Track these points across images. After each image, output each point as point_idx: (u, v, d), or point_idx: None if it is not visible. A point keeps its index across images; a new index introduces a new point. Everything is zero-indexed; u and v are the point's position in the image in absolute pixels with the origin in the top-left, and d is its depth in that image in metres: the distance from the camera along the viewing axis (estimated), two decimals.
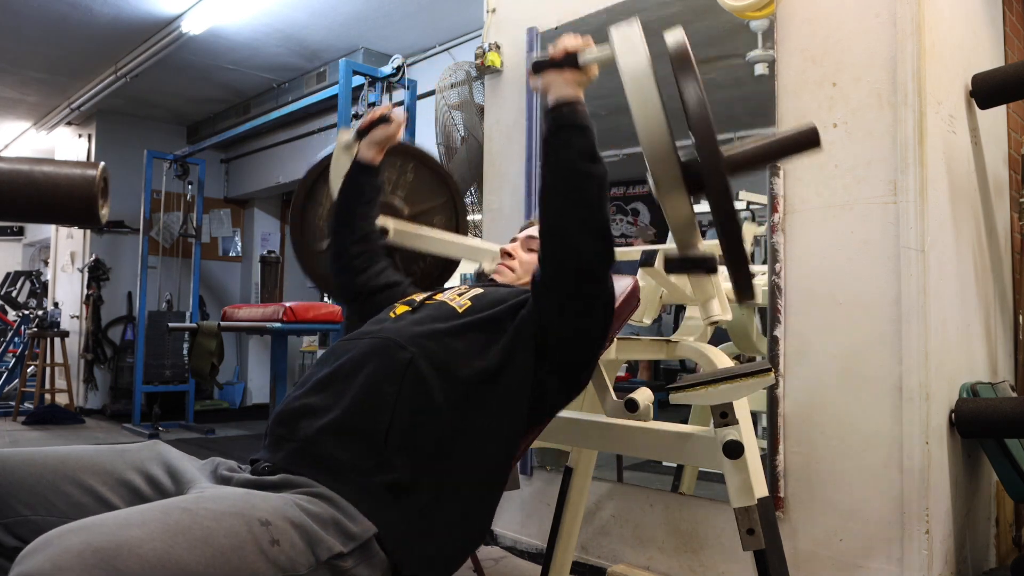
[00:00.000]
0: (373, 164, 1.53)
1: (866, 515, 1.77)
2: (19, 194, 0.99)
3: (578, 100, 1.17)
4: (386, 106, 1.52)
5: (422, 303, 1.28)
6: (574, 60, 1.17)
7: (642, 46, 1.06)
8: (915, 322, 1.71)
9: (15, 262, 9.55)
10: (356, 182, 1.52)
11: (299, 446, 1.05)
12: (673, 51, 0.99)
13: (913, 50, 1.74)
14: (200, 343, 4.43)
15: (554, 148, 1.15)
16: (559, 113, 1.15)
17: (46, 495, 0.95)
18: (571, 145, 1.13)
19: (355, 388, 1.09)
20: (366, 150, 1.52)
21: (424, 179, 1.87)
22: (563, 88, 1.16)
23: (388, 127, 1.50)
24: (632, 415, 1.50)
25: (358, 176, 1.52)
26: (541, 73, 1.18)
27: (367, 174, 1.53)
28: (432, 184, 1.87)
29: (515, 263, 1.49)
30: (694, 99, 0.94)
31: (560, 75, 1.16)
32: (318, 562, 0.89)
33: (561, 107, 1.15)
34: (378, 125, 1.51)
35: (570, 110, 1.15)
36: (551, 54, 1.18)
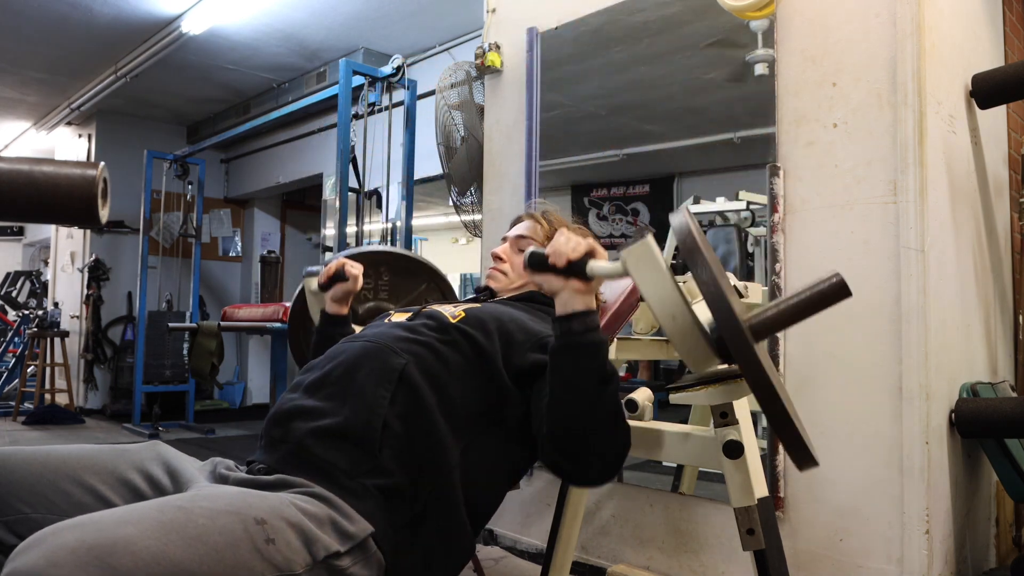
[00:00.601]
0: (341, 315, 1.54)
1: (866, 515, 1.77)
2: (19, 194, 0.99)
3: (589, 312, 1.05)
4: (338, 260, 1.52)
5: (418, 313, 1.28)
6: (581, 271, 1.04)
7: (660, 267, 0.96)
8: (915, 322, 1.71)
9: (15, 262, 9.56)
10: (327, 334, 1.52)
11: (293, 448, 1.05)
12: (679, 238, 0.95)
13: (913, 50, 1.74)
14: (200, 343, 4.43)
15: (564, 366, 1.06)
16: (569, 329, 1.04)
17: (46, 494, 0.96)
18: (582, 369, 1.04)
19: (349, 392, 1.09)
20: (331, 305, 1.53)
21: (400, 274, 1.94)
22: (571, 299, 1.04)
23: (346, 284, 1.50)
24: (632, 415, 1.50)
25: (328, 328, 1.53)
26: (540, 272, 1.07)
27: (336, 325, 1.53)
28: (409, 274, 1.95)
29: (506, 267, 1.48)
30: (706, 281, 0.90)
31: (566, 284, 1.04)
32: (315, 561, 0.89)
33: (571, 320, 1.04)
34: (336, 283, 1.51)
35: (581, 325, 1.04)
36: (551, 258, 1.05)
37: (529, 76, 2.60)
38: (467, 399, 1.13)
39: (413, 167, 3.67)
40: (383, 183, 3.71)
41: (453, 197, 3.07)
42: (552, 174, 2.68)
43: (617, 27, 2.46)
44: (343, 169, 3.47)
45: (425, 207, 7.76)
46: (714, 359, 0.96)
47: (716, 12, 2.09)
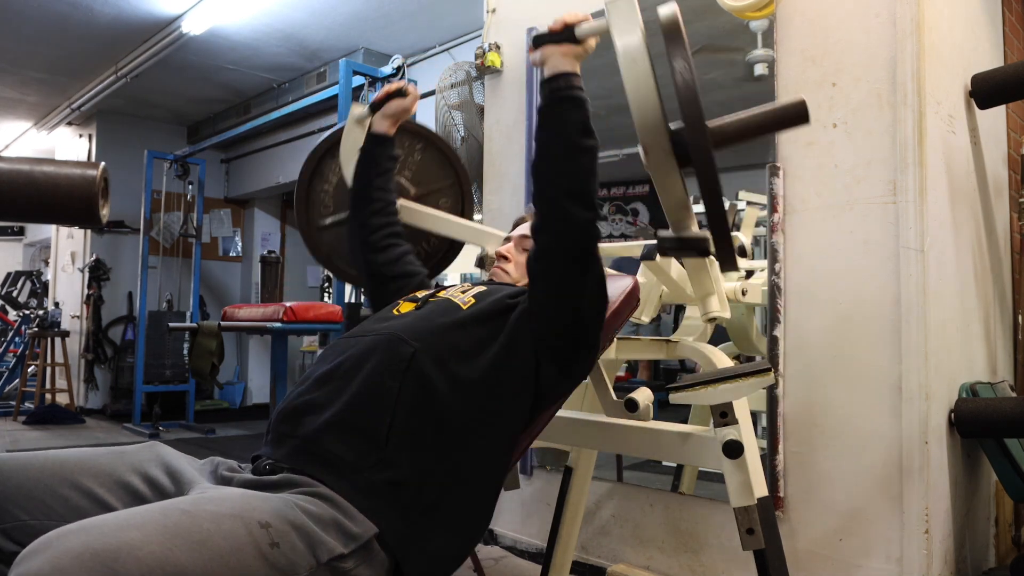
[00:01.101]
0: (388, 136, 1.54)
1: (866, 515, 1.77)
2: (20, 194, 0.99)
3: (574, 73, 1.19)
4: (401, 81, 1.55)
5: (426, 300, 1.29)
6: (571, 33, 1.19)
7: (637, 20, 1.09)
8: (915, 322, 1.71)
9: (15, 262, 9.56)
10: (372, 154, 1.53)
11: (301, 443, 1.05)
12: (664, 24, 1.01)
13: (913, 50, 1.75)
14: (200, 343, 4.43)
15: (549, 120, 1.18)
16: (555, 85, 1.18)
17: (44, 499, 0.95)
18: (566, 118, 1.16)
19: (357, 384, 1.09)
20: (380, 123, 1.54)
21: (432, 160, 1.87)
22: (560, 61, 1.19)
23: (403, 100, 1.52)
24: (632, 415, 1.51)
25: (373, 148, 1.54)
26: (540, 47, 1.21)
27: (382, 146, 1.54)
28: (439, 165, 1.87)
29: (510, 266, 1.49)
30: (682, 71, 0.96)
31: (558, 48, 1.19)
32: (318, 564, 0.89)
33: (557, 79, 1.18)
34: (393, 98, 1.52)
35: (566, 82, 1.18)
36: (550, 27, 1.20)
37: (529, 76, 2.60)
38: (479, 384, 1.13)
39: None
40: None
41: None
42: None
43: None
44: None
45: None
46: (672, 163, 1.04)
47: (716, 12, 2.09)
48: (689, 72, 0.96)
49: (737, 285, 1.90)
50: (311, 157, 1.81)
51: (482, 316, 1.21)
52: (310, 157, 1.81)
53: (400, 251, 1.55)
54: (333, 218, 1.80)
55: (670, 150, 1.06)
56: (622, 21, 1.10)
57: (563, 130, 1.16)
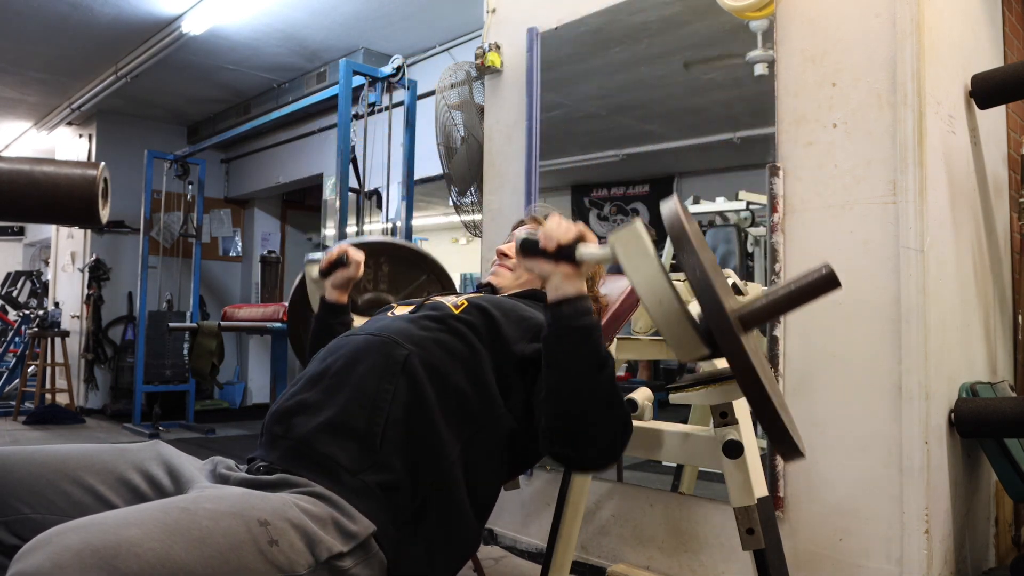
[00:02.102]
0: (341, 303, 1.53)
1: (866, 515, 1.77)
2: (20, 194, 0.99)
3: (579, 296, 1.06)
4: (341, 247, 1.52)
5: (421, 304, 1.29)
6: (571, 255, 1.05)
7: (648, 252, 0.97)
8: (915, 322, 1.71)
9: (15, 262, 9.56)
10: (326, 323, 1.52)
11: (294, 445, 1.05)
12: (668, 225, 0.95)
13: (912, 50, 1.75)
14: (200, 343, 4.43)
15: (557, 356, 1.06)
16: (560, 313, 1.05)
17: (46, 494, 0.96)
18: (576, 354, 1.05)
19: (350, 385, 1.08)
20: (331, 292, 1.53)
21: (400, 264, 1.93)
22: (562, 284, 1.05)
23: (347, 270, 1.50)
24: (632, 415, 1.50)
25: (327, 318, 1.53)
26: (531, 257, 1.08)
27: (335, 314, 1.53)
28: (408, 266, 1.94)
29: (512, 263, 1.48)
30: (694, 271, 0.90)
31: (556, 268, 1.06)
32: (317, 562, 0.89)
33: (561, 306, 1.05)
34: (336, 268, 1.51)
35: (571, 310, 1.05)
36: (541, 242, 1.06)
37: (529, 76, 2.60)
38: (469, 390, 1.13)
39: (413, 167, 3.67)
40: (383, 183, 3.71)
41: (453, 197, 3.07)
42: (552, 174, 2.68)
43: (617, 27, 2.46)
44: (343, 169, 3.47)
45: (425, 207, 7.76)
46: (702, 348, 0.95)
47: (716, 12, 2.09)
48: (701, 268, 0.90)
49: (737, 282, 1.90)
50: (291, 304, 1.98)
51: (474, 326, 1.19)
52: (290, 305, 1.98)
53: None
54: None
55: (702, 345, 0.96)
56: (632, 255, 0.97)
57: (575, 369, 1.05)
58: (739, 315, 0.97)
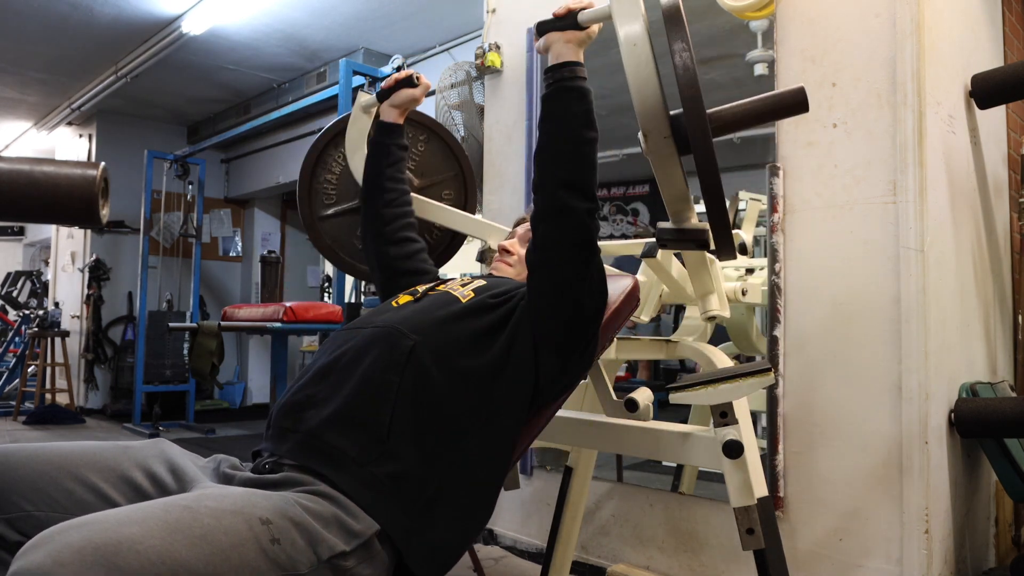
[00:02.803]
0: (397, 124, 1.53)
1: (866, 515, 1.77)
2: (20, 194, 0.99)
3: (577, 62, 1.19)
4: (410, 69, 1.53)
5: (425, 293, 1.28)
6: (574, 19, 1.19)
7: (639, 7, 1.10)
8: (915, 322, 1.71)
9: (15, 262, 9.56)
10: (382, 144, 1.52)
11: (304, 437, 1.05)
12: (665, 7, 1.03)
13: (912, 50, 1.75)
14: (200, 343, 4.43)
15: (552, 110, 1.18)
16: (559, 75, 1.18)
17: (48, 491, 0.96)
18: (569, 109, 1.16)
19: (357, 377, 1.09)
20: (388, 112, 1.52)
21: (436, 151, 1.86)
22: (563, 48, 1.19)
23: (413, 90, 1.50)
24: (632, 415, 1.51)
25: (383, 137, 1.52)
26: (543, 34, 1.21)
27: (392, 135, 1.53)
28: (443, 157, 1.86)
29: (513, 259, 1.48)
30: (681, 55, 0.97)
31: (561, 35, 1.19)
32: (319, 561, 0.89)
33: (560, 68, 1.18)
34: (402, 87, 1.50)
35: (569, 71, 1.18)
36: (554, 12, 1.21)
37: (529, 76, 2.60)
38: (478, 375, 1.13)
39: None
40: None
41: None
42: None
43: None
44: None
45: None
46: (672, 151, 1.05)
47: (716, 12, 2.09)
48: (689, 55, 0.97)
49: (737, 285, 1.90)
50: (316, 145, 1.80)
51: (482, 309, 1.21)
52: (315, 145, 1.80)
53: (415, 247, 1.55)
54: (336, 208, 1.79)
55: (670, 135, 1.07)
56: (624, 7, 1.11)
57: (566, 121, 1.16)
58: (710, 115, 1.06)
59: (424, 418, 1.07)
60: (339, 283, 4.05)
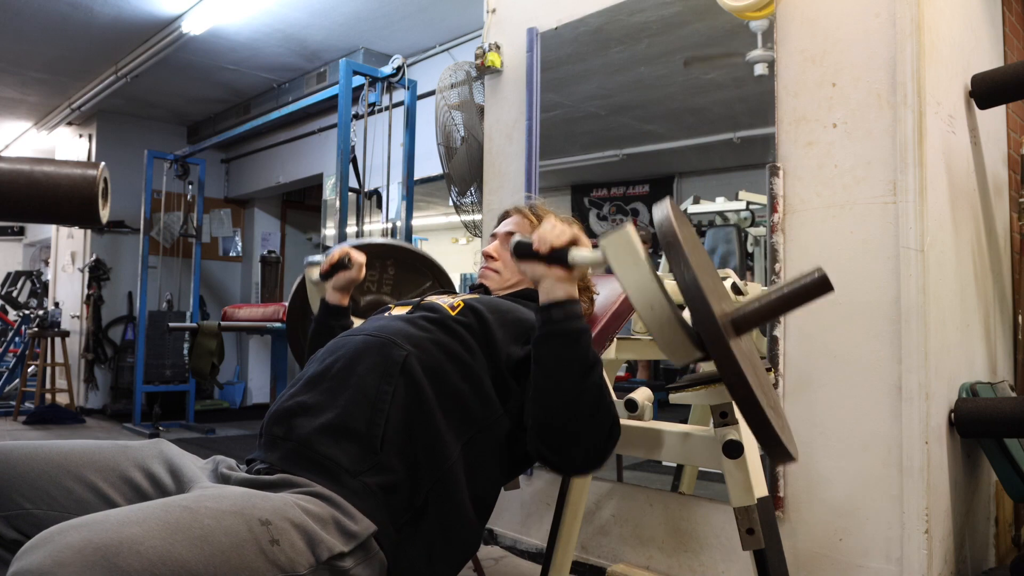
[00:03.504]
0: (341, 306, 1.52)
1: (866, 515, 1.77)
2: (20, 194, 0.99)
3: (570, 300, 1.07)
4: (342, 248, 1.49)
5: (418, 305, 1.29)
6: (563, 259, 1.06)
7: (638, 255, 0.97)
8: (915, 322, 1.71)
9: (15, 262, 9.56)
10: (326, 325, 1.50)
11: (295, 446, 1.05)
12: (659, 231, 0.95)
13: (912, 50, 1.75)
14: (200, 343, 4.43)
15: (545, 358, 1.07)
16: (549, 317, 1.06)
17: (48, 489, 0.96)
18: (563, 358, 1.06)
19: (350, 387, 1.08)
20: (332, 294, 1.52)
21: (406, 270, 1.92)
22: (554, 287, 1.07)
23: (349, 272, 1.48)
24: (632, 415, 1.51)
25: (327, 319, 1.51)
26: (524, 260, 1.09)
27: (336, 316, 1.51)
28: (414, 270, 1.93)
29: (499, 264, 1.47)
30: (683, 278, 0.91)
31: (549, 272, 1.07)
32: (318, 562, 0.89)
33: (552, 309, 1.07)
34: (338, 271, 1.49)
35: (561, 314, 1.06)
36: (535, 245, 1.07)
37: (529, 76, 2.60)
38: (467, 391, 1.13)
39: (413, 167, 3.67)
40: (383, 183, 3.71)
41: (453, 197, 3.07)
42: (552, 174, 2.68)
43: (617, 27, 2.46)
44: (343, 169, 3.47)
45: (425, 207, 7.76)
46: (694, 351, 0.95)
47: (716, 12, 2.09)
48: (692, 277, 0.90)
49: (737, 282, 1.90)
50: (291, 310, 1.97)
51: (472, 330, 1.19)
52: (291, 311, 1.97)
53: None
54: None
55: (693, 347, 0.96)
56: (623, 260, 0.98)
57: (563, 375, 1.06)
58: (730, 319, 0.97)
59: (416, 430, 1.06)
60: None
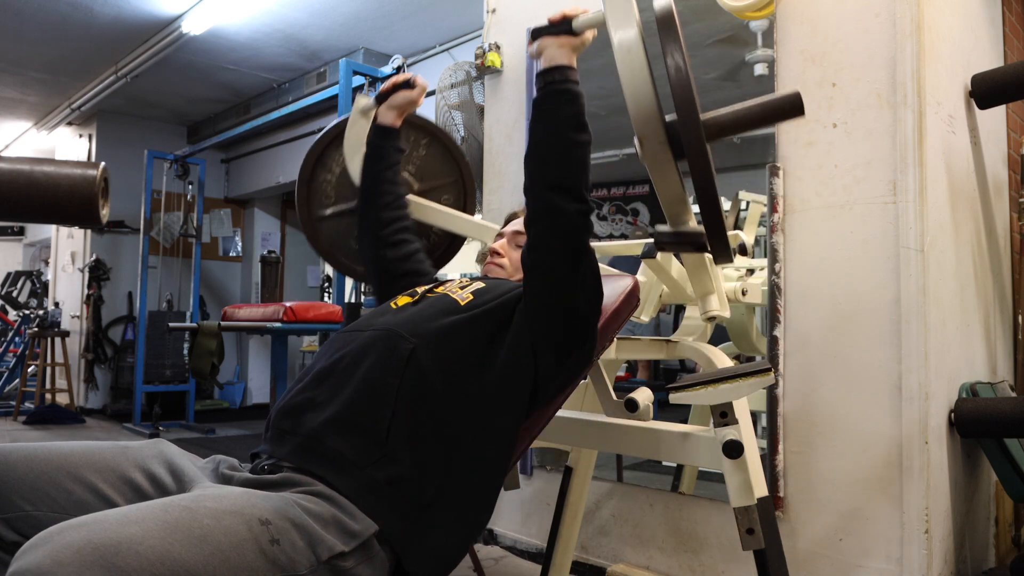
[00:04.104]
0: (394, 127, 1.53)
1: (866, 515, 1.77)
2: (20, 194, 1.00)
3: (569, 65, 1.19)
4: (407, 73, 1.53)
5: (424, 295, 1.28)
6: (568, 25, 1.20)
7: (633, 13, 1.09)
8: (915, 322, 1.71)
9: (15, 262, 9.56)
10: (379, 147, 1.52)
11: (303, 440, 1.05)
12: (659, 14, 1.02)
13: (913, 50, 1.75)
14: (200, 343, 4.43)
15: (543, 114, 1.18)
16: (550, 78, 1.18)
17: (47, 491, 0.96)
18: (560, 112, 1.17)
19: (356, 380, 1.09)
20: (386, 114, 1.52)
21: (436, 155, 1.86)
22: (556, 53, 1.19)
23: (410, 92, 1.50)
24: (632, 415, 1.51)
25: (380, 141, 1.52)
26: (537, 39, 1.22)
27: (389, 138, 1.53)
28: (443, 161, 1.86)
29: (504, 260, 1.48)
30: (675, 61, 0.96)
31: (555, 40, 1.20)
32: (319, 562, 0.89)
33: (552, 72, 1.18)
34: (400, 89, 1.50)
35: (561, 75, 1.18)
36: (549, 19, 1.21)
37: (529, 76, 2.60)
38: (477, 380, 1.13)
39: None
40: None
41: None
42: None
43: None
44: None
45: None
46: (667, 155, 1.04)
47: (716, 12, 2.09)
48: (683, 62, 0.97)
49: (737, 285, 1.90)
50: (315, 147, 1.79)
51: (481, 312, 1.20)
52: (314, 146, 1.79)
53: (412, 248, 1.55)
54: (334, 208, 1.79)
55: (665, 141, 1.06)
56: (618, 13, 1.10)
57: (556, 124, 1.17)
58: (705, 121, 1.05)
59: (422, 421, 1.07)
60: (339, 283, 4.05)
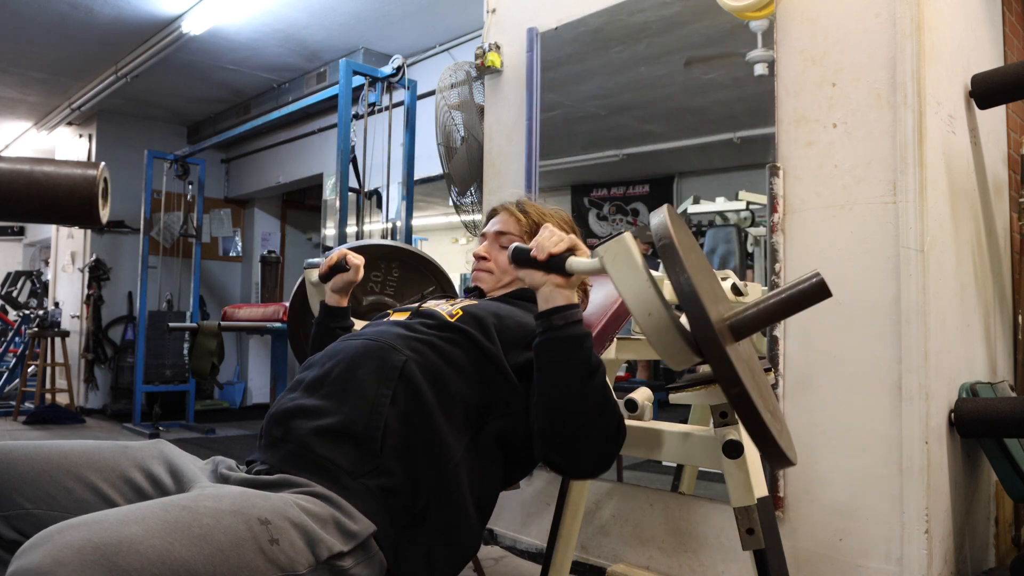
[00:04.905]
0: (340, 307, 1.52)
1: (866, 515, 1.77)
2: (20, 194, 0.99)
3: (569, 306, 1.08)
4: (340, 251, 1.49)
5: (416, 311, 1.29)
6: (560, 266, 1.07)
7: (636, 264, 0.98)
8: (915, 322, 1.71)
9: (15, 262, 9.56)
10: (326, 327, 1.51)
11: (294, 448, 1.05)
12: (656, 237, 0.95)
13: (913, 50, 1.75)
14: (200, 343, 4.43)
15: (553, 364, 1.07)
16: (550, 324, 1.07)
17: (47, 489, 0.96)
18: (566, 363, 1.06)
19: (350, 390, 1.09)
20: (331, 296, 1.52)
21: (410, 272, 1.91)
22: (553, 294, 1.08)
23: (346, 274, 1.48)
24: (632, 415, 1.51)
25: (328, 322, 1.51)
26: (523, 267, 1.10)
27: (335, 318, 1.51)
28: (418, 275, 1.92)
29: (491, 265, 1.46)
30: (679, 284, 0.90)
31: (546, 279, 1.08)
32: (318, 562, 0.89)
33: (552, 316, 1.07)
34: (335, 273, 1.49)
35: (562, 319, 1.07)
36: (533, 252, 1.09)
37: (529, 76, 2.60)
38: (468, 396, 1.13)
39: (413, 167, 3.67)
40: (383, 183, 3.71)
41: (453, 197, 3.07)
42: (552, 174, 2.68)
43: (617, 27, 2.46)
44: (343, 169, 3.47)
45: (425, 207, 7.75)
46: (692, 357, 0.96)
47: (716, 12, 2.09)
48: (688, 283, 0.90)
49: (737, 283, 1.90)
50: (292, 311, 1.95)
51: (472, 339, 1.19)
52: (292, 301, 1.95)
53: None
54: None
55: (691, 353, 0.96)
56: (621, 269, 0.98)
57: (566, 379, 1.06)
58: (728, 324, 0.97)
59: (414, 434, 1.06)
60: None
